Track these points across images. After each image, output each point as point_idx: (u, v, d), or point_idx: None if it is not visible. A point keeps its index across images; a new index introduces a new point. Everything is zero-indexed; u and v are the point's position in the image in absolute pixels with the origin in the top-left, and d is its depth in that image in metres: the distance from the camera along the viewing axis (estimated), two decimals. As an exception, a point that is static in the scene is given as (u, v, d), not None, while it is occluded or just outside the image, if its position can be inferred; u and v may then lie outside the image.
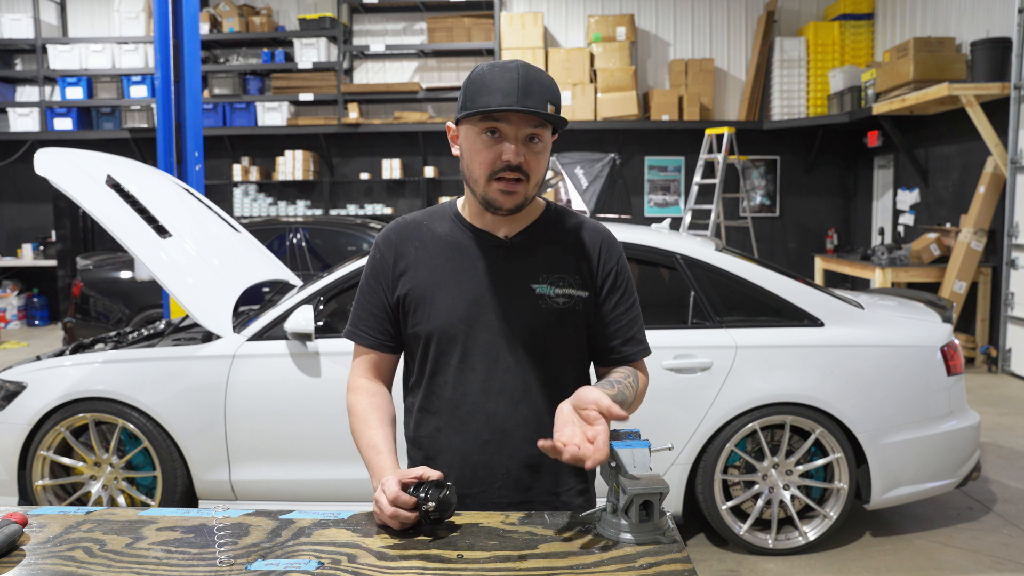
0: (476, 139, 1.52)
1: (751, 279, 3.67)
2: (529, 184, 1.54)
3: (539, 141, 1.52)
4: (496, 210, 1.55)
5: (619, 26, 10.13)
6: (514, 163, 1.50)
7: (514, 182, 1.52)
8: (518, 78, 1.48)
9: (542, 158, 1.54)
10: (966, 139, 7.74)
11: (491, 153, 1.51)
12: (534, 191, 1.56)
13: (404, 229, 1.68)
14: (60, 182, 3.74)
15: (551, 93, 1.51)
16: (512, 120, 1.49)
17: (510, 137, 1.50)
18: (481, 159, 1.52)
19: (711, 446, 3.52)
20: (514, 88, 1.47)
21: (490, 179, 1.52)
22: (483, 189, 1.54)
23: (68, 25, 11.14)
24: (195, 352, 3.69)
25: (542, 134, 1.52)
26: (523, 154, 1.50)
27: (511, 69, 1.49)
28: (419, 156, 10.70)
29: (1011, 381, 6.89)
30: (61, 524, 1.44)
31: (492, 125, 1.50)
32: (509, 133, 1.50)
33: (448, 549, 1.33)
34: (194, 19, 5.92)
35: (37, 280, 10.96)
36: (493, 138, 1.51)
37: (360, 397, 1.66)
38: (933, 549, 3.64)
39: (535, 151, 1.52)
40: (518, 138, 1.50)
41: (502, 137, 1.50)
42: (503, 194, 1.53)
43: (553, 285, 1.61)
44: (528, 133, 1.50)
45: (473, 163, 1.54)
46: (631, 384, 1.62)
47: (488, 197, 1.54)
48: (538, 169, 1.54)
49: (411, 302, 1.63)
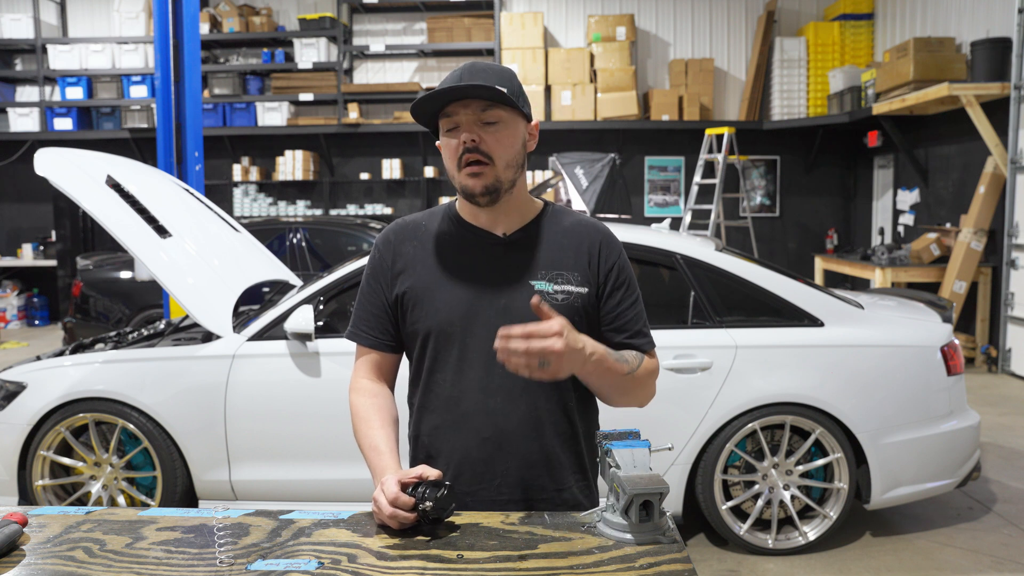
0: (444, 139, 1.59)
1: (751, 279, 3.67)
2: (496, 167, 1.57)
3: (498, 122, 1.56)
4: (472, 198, 1.59)
5: (619, 26, 10.13)
6: (468, 144, 1.54)
7: (477, 164, 1.56)
8: (462, 70, 1.57)
9: (502, 137, 1.57)
10: (966, 139, 7.74)
11: (454, 144, 1.57)
12: (507, 174, 1.58)
13: (403, 229, 1.70)
14: (60, 182, 3.74)
15: (499, 77, 1.57)
16: (459, 109, 1.55)
17: (464, 123, 1.55)
18: (448, 153, 1.59)
19: (711, 446, 3.52)
20: (456, 78, 1.56)
21: (459, 168, 1.57)
22: (459, 181, 1.59)
23: (68, 25, 11.14)
24: (195, 352, 3.69)
25: (498, 115, 1.56)
26: (477, 134, 1.55)
27: (458, 68, 1.59)
28: (419, 156, 10.70)
29: (1011, 381, 6.89)
30: (61, 524, 1.44)
31: (449, 122, 1.57)
32: (462, 120, 1.55)
33: (448, 549, 1.33)
34: (194, 19, 5.92)
35: (37, 280, 10.96)
36: (454, 132, 1.57)
37: (362, 398, 1.67)
38: (933, 549, 3.64)
39: (491, 131, 1.56)
40: (470, 122, 1.55)
41: (459, 128, 1.56)
42: (470, 177, 1.56)
43: (552, 282, 1.62)
44: (480, 116, 1.55)
45: (447, 162, 1.60)
46: (635, 356, 1.63)
47: (463, 186, 1.59)
48: (501, 150, 1.57)
49: (409, 300, 1.64)
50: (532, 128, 1.64)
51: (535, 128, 1.65)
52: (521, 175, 1.64)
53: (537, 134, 1.66)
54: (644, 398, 1.67)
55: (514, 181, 1.61)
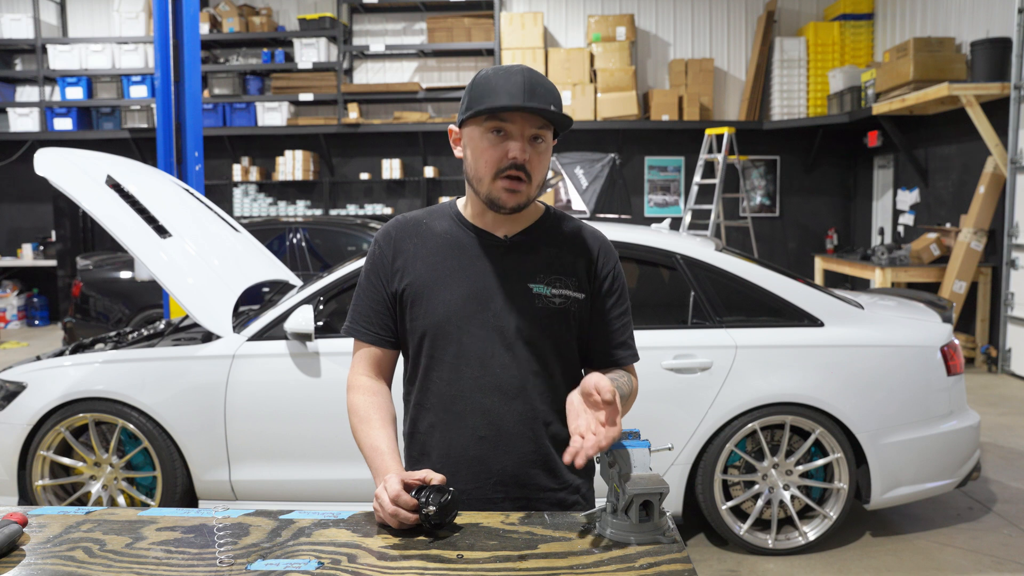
0: (482, 138, 1.55)
1: (751, 279, 3.67)
2: (532, 185, 1.57)
3: (542, 141, 1.56)
4: (499, 208, 1.58)
5: (619, 26, 10.13)
6: (520, 160, 1.53)
7: (517, 181, 1.54)
8: (523, 81, 1.52)
9: (544, 159, 1.58)
10: (966, 139, 7.74)
11: (497, 151, 1.54)
12: (536, 192, 1.59)
13: (404, 226, 1.70)
14: (60, 182, 3.74)
15: (554, 97, 1.55)
16: (517, 120, 1.52)
17: (515, 135, 1.53)
18: (487, 158, 1.55)
19: (711, 446, 3.52)
20: (519, 89, 1.51)
21: (495, 177, 1.55)
22: (488, 188, 1.57)
23: (68, 25, 11.14)
24: (195, 352, 3.69)
25: (545, 135, 1.56)
26: (528, 152, 1.54)
27: (516, 72, 1.53)
28: (419, 156, 10.70)
29: (1011, 381, 6.89)
30: (61, 524, 1.44)
31: (498, 125, 1.53)
32: (515, 132, 1.53)
33: (448, 549, 1.33)
34: (194, 19, 5.92)
35: (37, 280, 10.96)
36: (498, 137, 1.54)
37: (361, 396, 1.66)
38: (933, 549, 3.64)
39: (538, 151, 1.56)
40: (524, 136, 1.53)
41: (507, 136, 1.53)
42: (507, 192, 1.55)
43: (550, 285, 1.63)
44: (533, 133, 1.54)
45: (479, 162, 1.56)
46: (626, 383, 1.66)
47: (492, 195, 1.57)
48: (540, 170, 1.57)
49: (408, 297, 1.64)
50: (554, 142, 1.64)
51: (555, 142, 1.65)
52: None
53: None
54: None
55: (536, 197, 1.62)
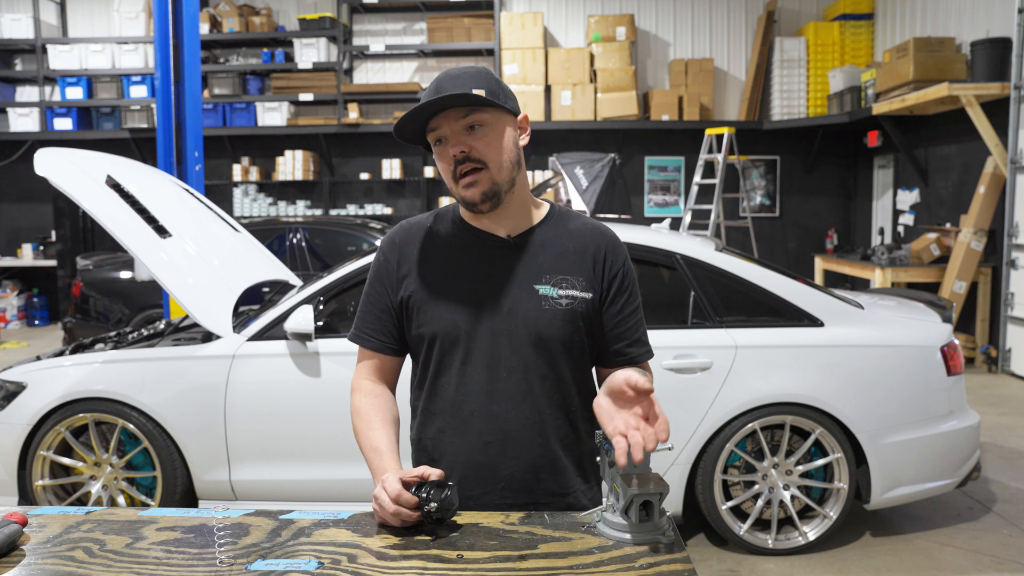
0: (435, 152, 1.59)
1: (751, 279, 3.67)
2: (491, 170, 1.55)
3: (481, 126, 1.54)
4: (474, 207, 1.58)
5: (619, 26, 10.13)
6: (457, 155, 1.54)
7: (471, 173, 1.55)
8: (437, 82, 1.56)
9: (491, 140, 1.55)
10: (966, 139, 7.74)
11: (444, 158, 1.57)
12: (504, 175, 1.57)
13: (407, 232, 1.69)
14: (60, 182, 3.74)
15: (474, 79, 1.54)
16: (442, 122, 1.54)
17: (447, 135, 1.55)
18: (442, 168, 1.59)
19: (711, 446, 3.52)
20: (432, 91, 1.55)
21: (455, 182, 1.57)
22: (457, 193, 1.58)
23: (68, 25, 11.14)
24: (195, 352, 3.69)
25: (480, 119, 1.54)
26: (466, 143, 1.54)
27: (433, 80, 1.57)
28: (419, 156, 10.70)
29: (1011, 381, 6.89)
30: (61, 524, 1.44)
31: (435, 135, 1.56)
32: (446, 132, 1.55)
33: (448, 549, 1.33)
34: (194, 19, 5.92)
35: (37, 280, 10.96)
36: (442, 146, 1.56)
37: (363, 398, 1.67)
38: (933, 549, 3.64)
39: (479, 136, 1.54)
40: (455, 132, 1.54)
41: (446, 141, 1.55)
42: (467, 188, 1.56)
43: (556, 287, 1.61)
44: (463, 124, 1.54)
45: (444, 175, 1.60)
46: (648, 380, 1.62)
47: (462, 198, 1.58)
48: (491, 152, 1.55)
49: (414, 304, 1.63)
50: (521, 121, 1.62)
51: (525, 120, 1.63)
52: (520, 173, 1.62)
53: (528, 126, 1.64)
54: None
55: (513, 180, 1.59)
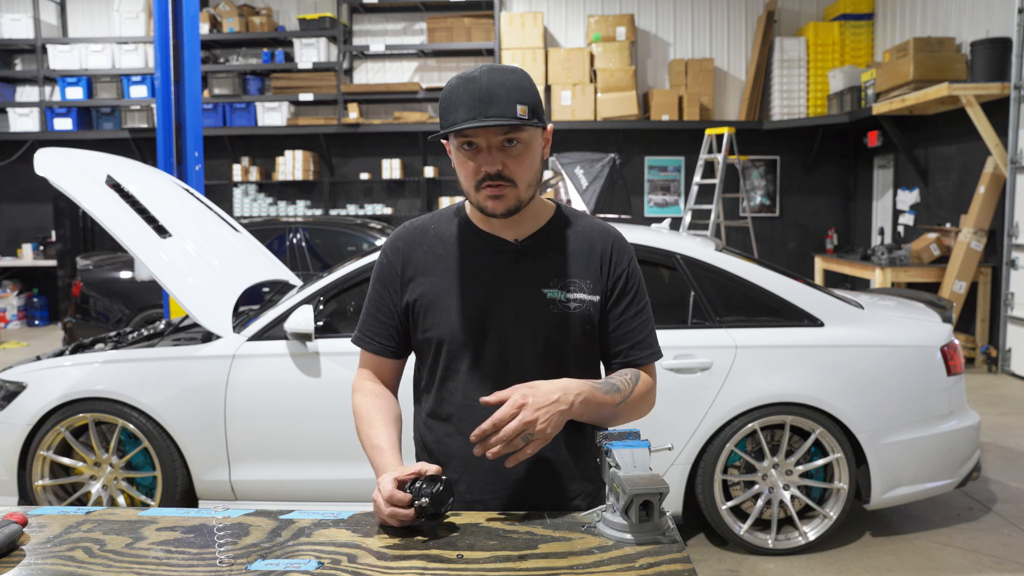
0: (457, 154, 1.55)
1: (751, 279, 3.67)
2: (518, 188, 1.54)
3: (517, 143, 1.52)
4: (491, 215, 1.56)
5: (619, 26, 10.13)
6: (492, 172, 1.51)
7: (498, 188, 1.52)
8: (479, 89, 1.46)
9: (524, 159, 1.53)
10: (966, 139, 7.74)
11: (471, 166, 1.53)
12: (527, 192, 1.56)
13: (411, 234, 1.68)
14: (60, 182, 3.74)
15: (520, 93, 1.48)
16: (480, 133, 1.49)
17: (483, 148, 1.51)
18: (464, 172, 1.55)
19: (711, 446, 3.52)
20: (476, 100, 1.46)
21: (477, 189, 1.54)
22: (475, 198, 1.56)
23: (68, 25, 11.14)
24: (195, 352, 3.69)
25: (518, 136, 1.51)
26: (500, 161, 1.51)
27: (475, 80, 1.48)
28: (419, 156, 10.70)
29: (1011, 381, 6.89)
30: (61, 524, 1.44)
31: (465, 140, 1.51)
32: (482, 144, 1.50)
33: (448, 549, 1.33)
34: (194, 19, 5.92)
35: (37, 280, 10.95)
36: (471, 151, 1.52)
37: (364, 398, 1.67)
38: (933, 549, 3.64)
39: (514, 154, 1.52)
40: (491, 147, 1.50)
41: (477, 149, 1.51)
42: (491, 199, 1.54)
43: (564, 290, 1.60)
44: (501, 140, 1.50)
45: (460, 176, 1.57)
46: (628, 380, 1.61)
47: (480, 205, 1.56)
48: (521, 172, 1.53)
49: (421, 307, 1.62)
50: (547, 134, 1.61)
51: (549, 133, 1.62)
52: (538, 186, 1.61)
53: (551, 138, 1.63)
54: (643, 414, 1.66)
55: (532, 196, 1.59)
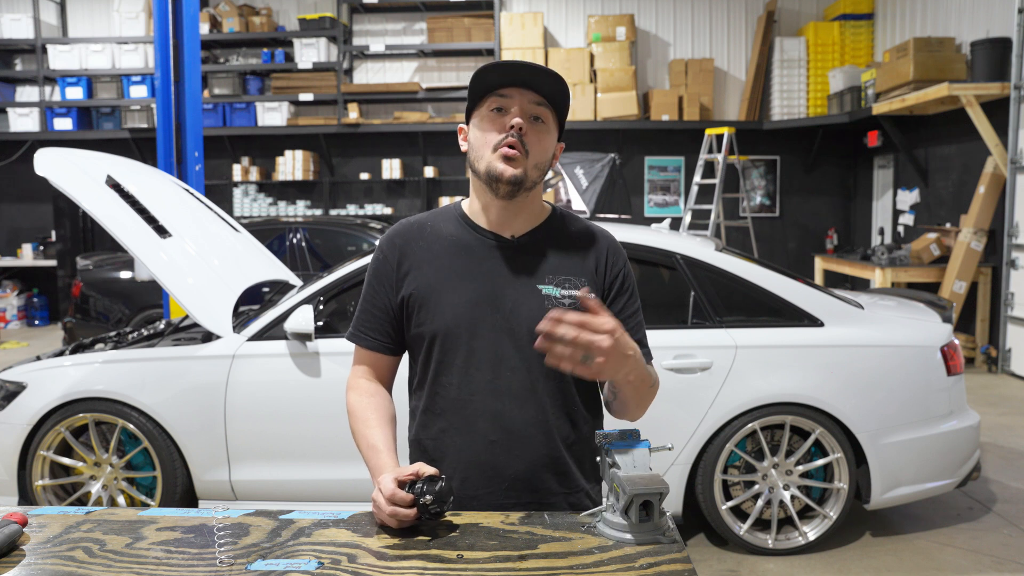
0: (484, 119, 1.58)
1: (751, 279, 3.67)
2: (529, 162, 1.56)
3: (542, 122, 1.57)
4: (497, 182, 1.56)
5: (619, 26, 10.13)
6: (519, 126, 1.54)
7: (515, 150, 1.55)
8: (522, 64, 1.55)
9: (544, 142, 1.58)
10: (966, 139, 7.74)
11: (497, 125, 1.56)
12: (534, 174, 1.58)
13: (408, 230, 1.69)
14: (60, 182, 3.74)
15: (557, 81, 1.56)
16: (516, 96, 1.55)
17: (517, 108, 1.55)
18: (488, 131, 1.57)
19: (711, 446, 3.52)
20: (519, 68, 1.54)
21: (495, 149, 1.56)
22: (487, 160, 1.56)
23: (68, 25, 11.14)
24: (195, 352, 3.69)
25: (545, 115, 1.57)
26: (526, 127, 1.55)
27: (516, 60, 1.57)
28: (419, 156, 10.70)
29: (1011, 381, 6.89)
30: (61, 524, 1.44)
31: (499, 102, 1.56)
32: (514, 106, 1.55)
33: (448, 549, 1.33)
34: (194, 19, 5.92)
35: (37, 280, 10.96)
36: (499, 114, 1.56)
37: (359, 397, 1.67)
38: (933, 549, 3.64)
39: (538, 129, 1.57)
40: (523, 111, 1.56)
41: (507, 113, 1.56)
42: (504, 160, 1.55)
43: (559, 287, 1.61)
44: (533, 111, 1.56)
45: (480, 141, 1.58)
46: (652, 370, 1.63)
47: (491, 167, 1.56)
48: (539, 149, 1.57)
49: (415, 302, 1.63)
50: (558, 149, 1.65)
51: (560, 150, 1.66)
52: (541, 182, 1.64)
53: (560, 155, 1.68)
54: (644, 410, 1.67)
55: (535, 183, 1.62)
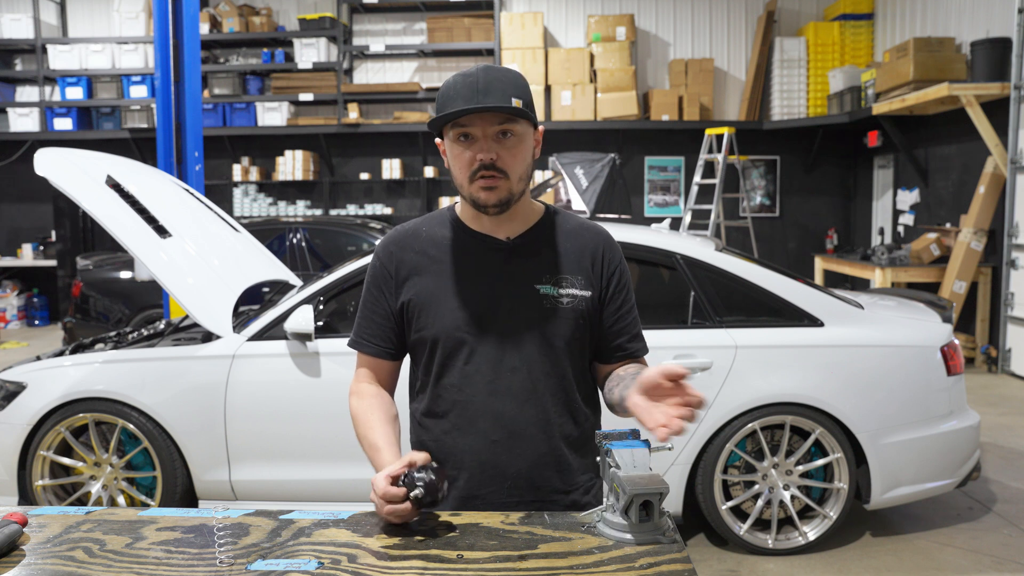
0: (452, 146, 1.57)
1: (751, 279, 3.67)
2: (511, 180, 1.56)
3: (512, 135, 1.55)
4: (483, 209, 1.58)
5: (619, 26, 10.13)
6: (486, 161, 1.53)
7: (492, 179, 1.55)
8: (476, 81, 1.52)
9: (518, 152, 1.57)
10: (966, 139, 7.74)
11: (466, 156, 1.55)
12: (519, 186, 1.59)
13: (403, 237, 1.70)
14: (60, 182, 3.74)
15: (515, 88, 1.53)
16: (476, 122, 1.53)
17: (479, 137, 1.54)
18: (459, 164, 1.57)
19: (711, 446, 3.52)
20: (473, 91, 1.51)
21: (471, 180, 1.56)
22: (468, 191, 1.58)
23: (68, 25, 11.14)
24: (195, 352, 3.69)
25: (513, 128, 1.55)
26: (495, 151, 1.54)
27: (472, 74, 1.53)
28: (419, 156, 10.70)
29: (1011, 381, 6.89)
30: (61, 524, 1.44)
31: (462, 130, 1.54)
32: (477, 134, 1.54)
33: (448, 549, 1.33)
34: (194, 19, 5.92)
35: (37, 280, 10.95)
36: (466, 142, 1.55)
37: (360, 401, 1.68)
38: (933, 549, 3.64)
39: (508, 146, 1.55)
40: (487, 136, 1.54)
41: (473, 139, 1.54)
42: (484, 191, 1.56)
43: (556, 285, 1.63)
44: (496, 130, 1.54)
45: (455, 169, 1.59)
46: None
47: (473, 197, 1.58)
48: (515, 164, 1.57)
49: (415, 307, 1.64)
50: (538, 135, 1.64)
51: (540, 135, 1.65)
52: (529, 187, 1.64)
53: (541, 139, 1.66)
54: None
55: (523, 192, 1.62)
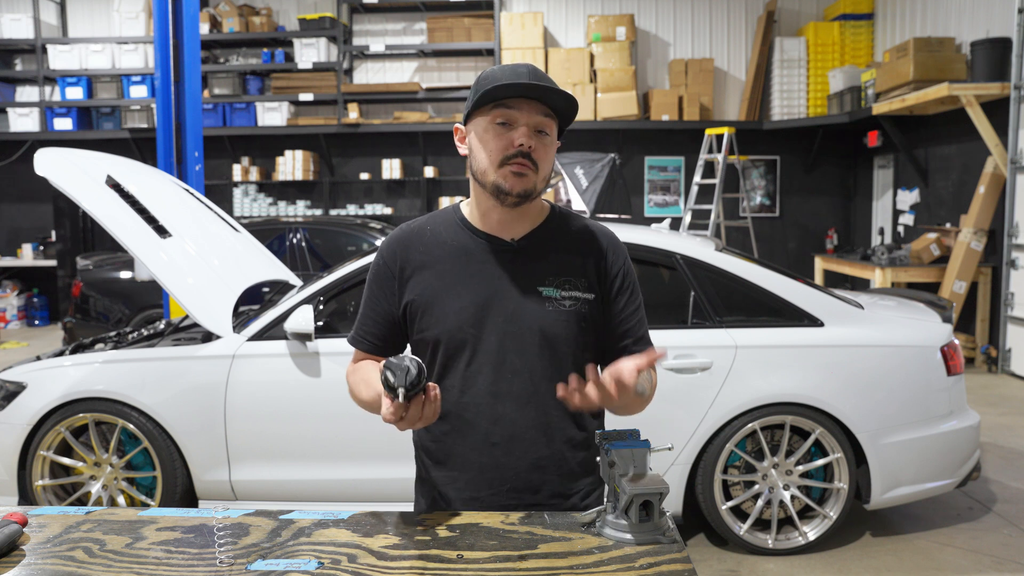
0: (487, 130, 1.55)
1: (751, 279, 3.67)
2: (538, 176, 1.57)
3: (547, 135, 1.56)
4: (505, 195, 1.55)
5: (619, 26, 10.13)
6: (526, 147, 1.53)
7: (524, 166, 1.54)
8: (528, 71, 1.54)
9: (549, 153, 1.58)
10: (966, 139, 7.74)
11: (503, 140, 1.54)
12: (541, 185, 1.59)
13: (408, 236, 1.69)
14: (60, 182, 3.74)
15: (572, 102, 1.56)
16: (523, 108, 1.53)
17: (521, 123, 1.54)
18: (493, 147, 1.55)
19: (711, 446, 3.52)
20: (525, 77, 1.52)
21: (501, 164, 1.54)
22: (494, 175, 1.55)
23: (68, 25, 11.14)
24: (195, 352, 3.69)
25: (550, 128, 1.56)
26: (534, 144, 1.54)
27: (521, 65, 1.55)
28: (419, 156, 10.70)
29: (1011, 381, 6.89)
30: (61, 524, 1.44)
31: (503, 114, 1.53)
32: (520, 120, 1.54)
33: (448, 549, 1.33)
34: (194, 19, 5.92)
35: (37, 280, 10.95)
36: (504, 127, 1.54)
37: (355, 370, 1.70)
38: (933, 549, 3.64)
39: (543, 143, 1.56)
40: (530, 123, 1.54)
41: (512, 126, 1.54)
42: (514, 176, 1.54)
43: (560, 288, 1.62)
44: (538, 121, 1.54)
45: (482, 154, 1.56)
46: (647, 377, 1.63)
47: (498, 183, 1.55)
48: (546, 162, 1.57)
49: (418, 307, 1.63)
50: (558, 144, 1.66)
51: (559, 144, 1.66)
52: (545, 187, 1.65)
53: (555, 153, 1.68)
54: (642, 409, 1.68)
55: (542, 192, 1.63)
